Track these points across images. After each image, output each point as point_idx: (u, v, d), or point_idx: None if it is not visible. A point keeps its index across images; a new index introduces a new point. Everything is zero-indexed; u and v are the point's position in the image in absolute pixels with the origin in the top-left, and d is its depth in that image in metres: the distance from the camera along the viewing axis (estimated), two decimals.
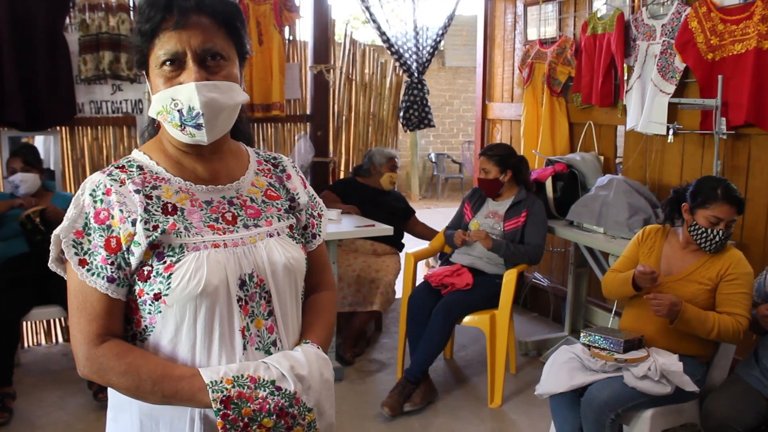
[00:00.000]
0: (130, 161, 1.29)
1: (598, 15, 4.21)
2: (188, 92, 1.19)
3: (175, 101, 1.20)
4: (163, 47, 1.21)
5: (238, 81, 1.27)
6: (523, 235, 3.67)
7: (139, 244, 1.19)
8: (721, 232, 2.63)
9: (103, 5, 4.09)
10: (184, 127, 1.21)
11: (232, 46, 1.27)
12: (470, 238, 3.69)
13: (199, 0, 1.23)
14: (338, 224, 3.91)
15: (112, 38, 4.12)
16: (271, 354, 1.27)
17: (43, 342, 4.34)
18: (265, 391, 1.18)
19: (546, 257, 4.45)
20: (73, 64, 4.08)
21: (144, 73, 1.29)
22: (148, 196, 1.23)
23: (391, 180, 4.59)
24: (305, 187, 1.48)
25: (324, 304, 1.47)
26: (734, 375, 2.70)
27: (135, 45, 1.25)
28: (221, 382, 1.16)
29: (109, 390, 1.29)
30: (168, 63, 1.21)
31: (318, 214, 1.49)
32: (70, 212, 1.22)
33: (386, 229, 3.96)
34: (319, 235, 1.48)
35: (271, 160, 1.46)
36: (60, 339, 4.37)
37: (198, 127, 1.21)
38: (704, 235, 2.66)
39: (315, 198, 1.50)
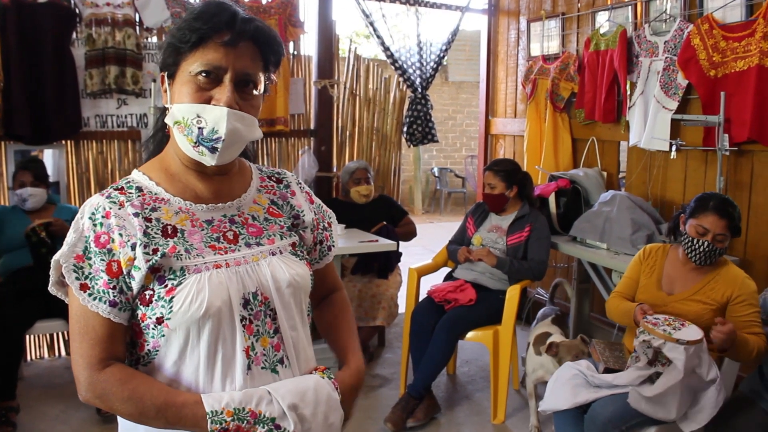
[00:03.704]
0: (129, 182, 1.29)
1: (601, 31, 4.23)
2: (218, 115, 1.19)
3: (200, 119, 1.19)
4: (206, 57, 1.20)
5: (259, 113, 1.28)
6: (526, 250, 3.67)
7: (140, 268, 1.18)
8: (706, 243, 2.64)
9: (109, 20, 4.12)
10: (198, 145, 1.21)
11: (263, 79, 1.28)
12: (473, 257, 3.68)
13: (258, 29, 1.25)
14: (342, 239, 3.92)
15: (118, 53, 4.16)
16: (277, 372, 1.27)
17: (46, 355, 4.35)
18: (263, 427, 1.17)
19: (549, 273, 4.44)
20: (79, 78, 4.11)
21: (164, 75, 1.28)
22: (147, 219, 1.23)
23: (359, 193, 4.53)
24: (312, 203, 1.47)
25: (344, 307, 1.55)
26: (739, 392, 2.69)
27: (173, 44, 1.23)
28: (221, 413, 1.16)
29: None
30: (205, 74, 1.21)
31: (328, 223, 1.49)
32: (70, 236, 1.21)
33: (390, 245, 3.97)
34: (334, 246, 1.50)
35: (275, 176, 1.46)
36: (63, 353, 4.37)
37: (213, 150, 1.21)
38: (690, 245, 2.69)
39: (322, 207, 1.50)
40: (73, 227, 1.23)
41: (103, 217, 1.21)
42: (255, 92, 1.26)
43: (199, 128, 1.19)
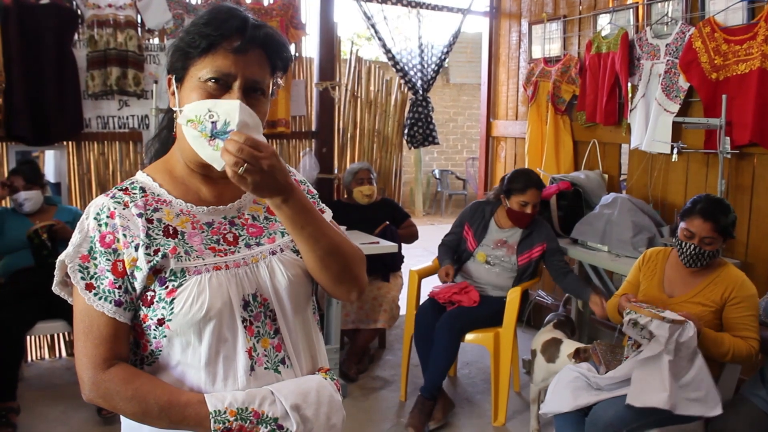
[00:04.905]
0: (133, 183, 1.29)
1: (603, 34, 4.23)
2: (230, 107, 1.17)
3: (212, 113, 1.18)
4: (215, 64, 1.20)
5: (266, 118, 1.27)
6: (537, 264, 3.68)
7: (141, 269, 1.19)
8: (692, 246, 2.65)
9: (111, 22, 4.12)
10: (214, 138, 1.18)
11: (270, 85, 1.28)
12: (599, 313, 3.40)
13: (268, 36, 1.24)
14: None
15: (120, 54, 4.16)
16: (280, 372, 1.27)
17: (47, 356, 4.34)
18: (266, 427, 1.18)
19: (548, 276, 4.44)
20: (81, 79, 4.11)
21: (171, 78, 1.27)
22: (149, 220, 1.23)
23: (362, 194, 4.53)
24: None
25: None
26: (739, 395, 2.69)
27: (181, 48, 1.24)
28: (225, 412, 1.16)
29: None
30: (214, 80, 1.20)
31: (320, 210, 1.46)
32: (75, 237, 1.22)
33: (391, 247, 3.97)
34: None
35: None
36: (63, 353, 4.37)
37: None
38: (679, 247, 2.71)
39: (316, 196, 1.49)
40: (78, 228, 1.23)
41: (108, 217, 1.22)
42: (263, 98, 1.26)
43: (212, 122, 1.18)
